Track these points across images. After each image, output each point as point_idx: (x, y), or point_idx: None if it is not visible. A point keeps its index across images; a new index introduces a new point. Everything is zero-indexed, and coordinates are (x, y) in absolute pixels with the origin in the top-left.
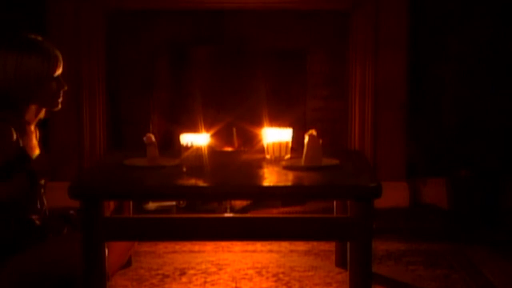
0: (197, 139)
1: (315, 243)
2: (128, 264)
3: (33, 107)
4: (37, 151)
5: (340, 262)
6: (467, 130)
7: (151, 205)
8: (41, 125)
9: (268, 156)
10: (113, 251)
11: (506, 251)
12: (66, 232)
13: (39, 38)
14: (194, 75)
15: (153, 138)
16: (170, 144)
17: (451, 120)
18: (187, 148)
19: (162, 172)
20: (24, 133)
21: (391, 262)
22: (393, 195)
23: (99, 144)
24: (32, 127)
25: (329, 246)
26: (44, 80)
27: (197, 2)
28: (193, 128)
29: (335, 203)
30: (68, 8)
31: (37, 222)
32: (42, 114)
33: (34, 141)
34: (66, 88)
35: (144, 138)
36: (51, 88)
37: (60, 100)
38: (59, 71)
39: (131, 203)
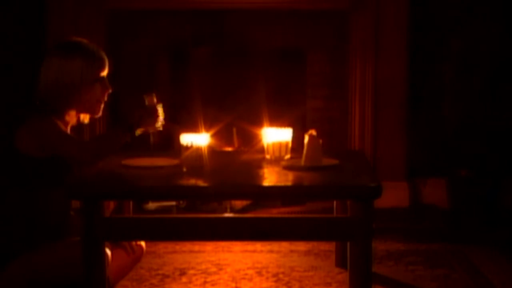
0: (197, 139)
1: (315, 243)
2: None
3: (73, 112)
4: None
5: (340, 262)
6: (467, 130)
7: (151, 205)
8: None
9: (268, 156)
10: (116, 260)
11: (506, 251)
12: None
13: (85, 41)
14: (194, 75)
15: (154, 99)
16: (170, 144)
17: (451, 120)
18: (187, 148)
19: (162, 172)
20: None
21: (391, 262)
22: (393, 195)
23: None
24: (68, 129)
25: (329, 246)
26: (88, 82)
27: (197, 2)
28: (193, 128)
29: (335, 203)
30: (68, 8)
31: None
32: (86, 118)
33: None
34: (111, 90)
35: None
36: (95, 90)
37: (102, 105)
38: (104, 73)
39: (131, 203)
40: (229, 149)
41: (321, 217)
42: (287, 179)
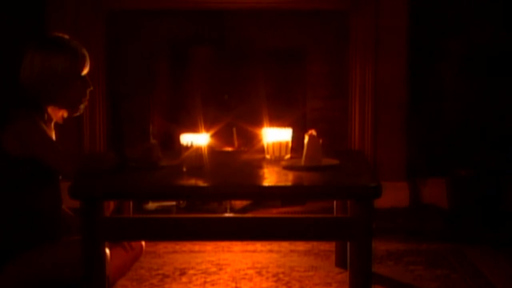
0: (197, 139)
1: (315, 243)
2: None
3: (56, 107)
4: None
5: (340, 262)
6: (467, 130)
7: (151, 205)
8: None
9: (268, 156)
10: (115, 259)
11: (506, 251)
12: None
13: (67, 37)
14: (194, 75)
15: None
16: (170, 144)
17: (451, 120)
18: (187, 148)
19: (162, 172)
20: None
21: (391, 262)
22: (393, 195)
23: (99, 144)
24: (52, 126)
25: (329, 246)
26: (70, 79)
27: (197, 2)
28: (193, 128)
29: (335, 203)
30: (68, 8)
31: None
32: (65, 113)
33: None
34: (92, 88)
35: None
36: (76, 87)
37: (84, 103)
38: (85, 71)
39: (131, 203)
40: (229, 149)
41: (321, 217)
42: (287, 179)
